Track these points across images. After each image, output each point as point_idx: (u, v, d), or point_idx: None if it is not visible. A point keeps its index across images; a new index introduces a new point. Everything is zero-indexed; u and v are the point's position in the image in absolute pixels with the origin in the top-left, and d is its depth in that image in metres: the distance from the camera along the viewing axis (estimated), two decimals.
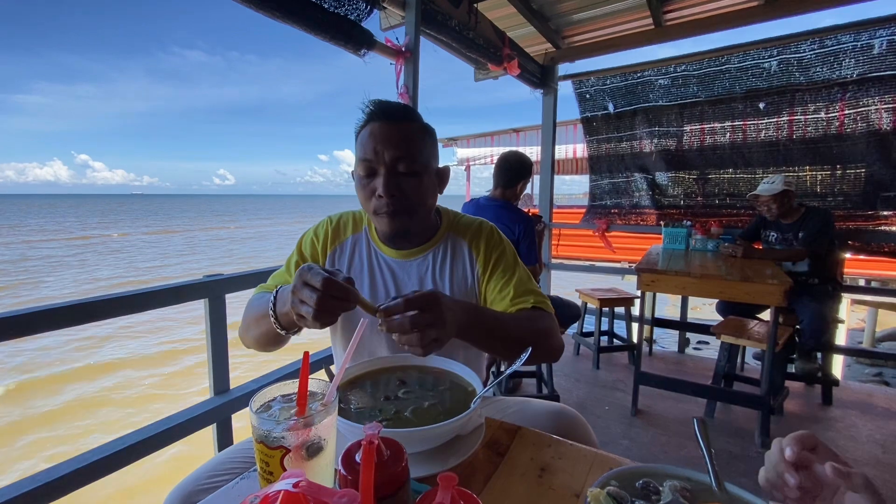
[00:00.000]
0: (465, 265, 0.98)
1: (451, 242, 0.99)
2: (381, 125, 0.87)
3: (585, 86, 3.81)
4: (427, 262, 0.97)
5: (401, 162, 0.86)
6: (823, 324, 2.47)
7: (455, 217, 1.04)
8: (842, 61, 2.95)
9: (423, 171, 0.89)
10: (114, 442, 1.16)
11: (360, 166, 0.88)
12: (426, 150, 0.91)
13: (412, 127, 0.89)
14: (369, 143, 0.86)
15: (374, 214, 0.90)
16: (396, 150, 0.86)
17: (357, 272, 0.98)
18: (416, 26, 2.06)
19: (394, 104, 0.90)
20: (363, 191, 0.89)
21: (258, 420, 0.47)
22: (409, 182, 0.88)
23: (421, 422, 0.65)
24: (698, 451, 1.46)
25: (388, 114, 0.88)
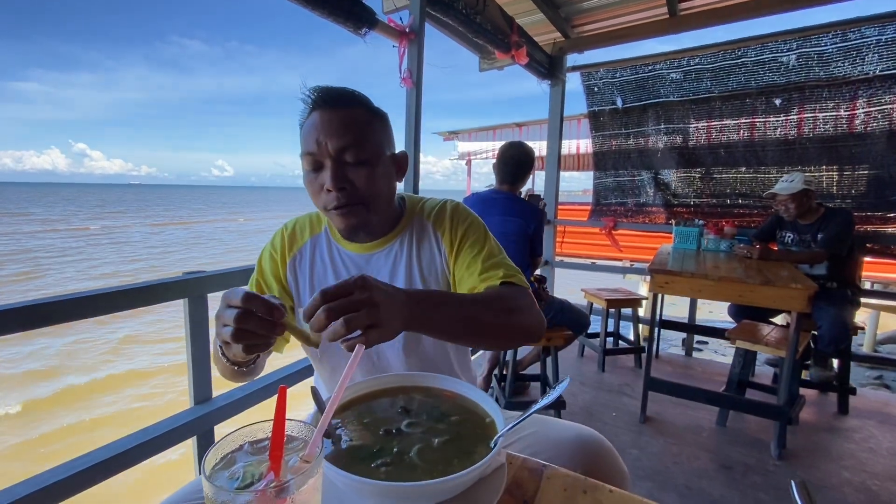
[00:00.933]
0: (432, 248, 0.92)
1: (416, 228, 0.93)
2: (322, 113, 0.79)
3: (594, 78, 3.67)
4: (394, 251, 0.91)
5: (347, 151, 0.78)
6: (843, 330, 2.35)
7: (419, 202, 0.98)
8: (864, 56, 2.82)
9: (375, 158, 0.82)
10: (76, 461, 1.03)
11: (304, 160, 0.81)
12: (376, 136, 0.83)
13: (358, 112, 0.81)
14: (312, 134, 0.78)
15: (325, 211, 0.83)
16: (341, 138, 0.78)
17: (321, 275, 0.92)
18: (422, 5, 1.92)
19: (337, 89, 0.82)
20: (311, 186, 0.82)
21: (212, 489, 0.34)
22: (359, 172, 0.80)
23: (429, 466, 0.52)
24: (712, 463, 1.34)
25: (331, 100, 0.80)
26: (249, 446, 0.41)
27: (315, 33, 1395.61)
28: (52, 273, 12.69)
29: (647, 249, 5.23)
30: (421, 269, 0.90)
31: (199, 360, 1.30)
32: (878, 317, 5.25)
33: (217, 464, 0.38)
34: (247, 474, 0.38)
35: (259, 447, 0.41)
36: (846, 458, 2.12)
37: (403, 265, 0.90)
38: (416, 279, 0.90)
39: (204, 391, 1.32)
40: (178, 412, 1.28)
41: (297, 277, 0.93)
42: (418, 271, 0.90)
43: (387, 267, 0.90)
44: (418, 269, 0.90)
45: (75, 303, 1.01)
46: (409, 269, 0.90)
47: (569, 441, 0.78)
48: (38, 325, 0.95)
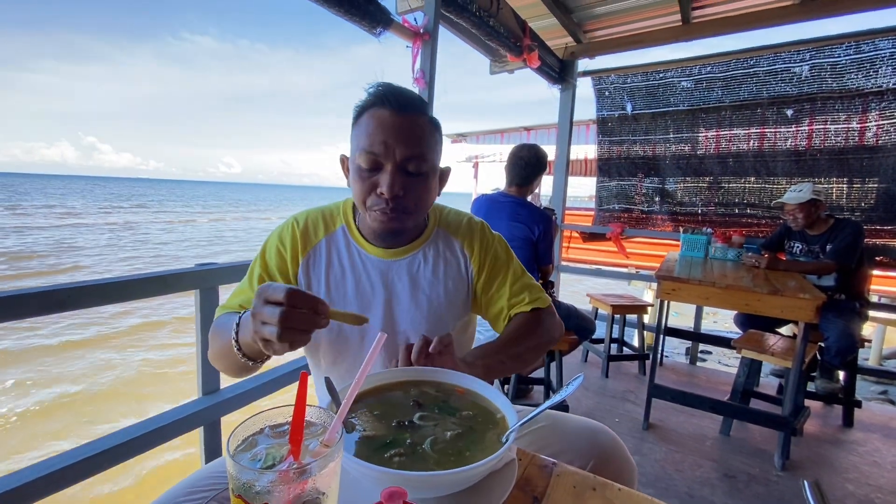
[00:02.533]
0: (458, 264, 0.93)
1: (441, 241, 0.93)
2: (392, 114, 0.77)
3: (605, 83, 3.67)
4: (418, 261, 0.90)
5: (411, 161, 0.78)
6: (850, 342, 2.34)
7: (442, 212, 0.98)
8: (878, 69, 2.81)
9: (431, 172, 0.82)
10: (85, 446, 1.04)
11: (362, 157, 0.78)
12: (436, 149, 0.83)
13: (424, 121, 0.80)
14: (378, 134, 0.76)
15: (368, 210, 0.81)
16: (408, 147, 0.77)
17: (338, 277, 0.88)
18: (437, 7, 1.93)
19: (407, 91, 0.80)
20: (361, 184, 0.80)
21: (236, 467, 0.35)
22: (416, 183, 0.80)
23: (442, 458, 0.53)
24: (715, 472, 1.33)
25: (403, 103, 0.78)
26: (270, 430, 0.41)
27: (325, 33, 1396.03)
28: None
29: (653, 257, 5.22)
30: (445, 285, 0.90)
31: None
32: (884, 331, 5.20)
33: (239, 445, 0.39)
34: (268, 456, 0.39)
35: (279, 431, 0.41)
36: (850, 470, 2.10)
37: (425, 278, 0.89)
38: (439, 294, 0.89)
39: (212, 382, 1.33)
40: (186, 402, 1.29)
41: (311, 278, 0.89)
42: (443, 287, 0.90)
43: (407, 276, 0.89)
44: (443, 284, 0.90)
45: (89, 290, 1.02)
46: (432, 283, 0.89)
47: (579, 436, 0.79)
48: (53, 310, 0.96)
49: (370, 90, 0.80)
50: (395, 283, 0.89)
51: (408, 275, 0.89)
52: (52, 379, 5.21)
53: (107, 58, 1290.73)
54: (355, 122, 0.81)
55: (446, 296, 0.90)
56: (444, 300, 0.90)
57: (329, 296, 0.87)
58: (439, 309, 0.89)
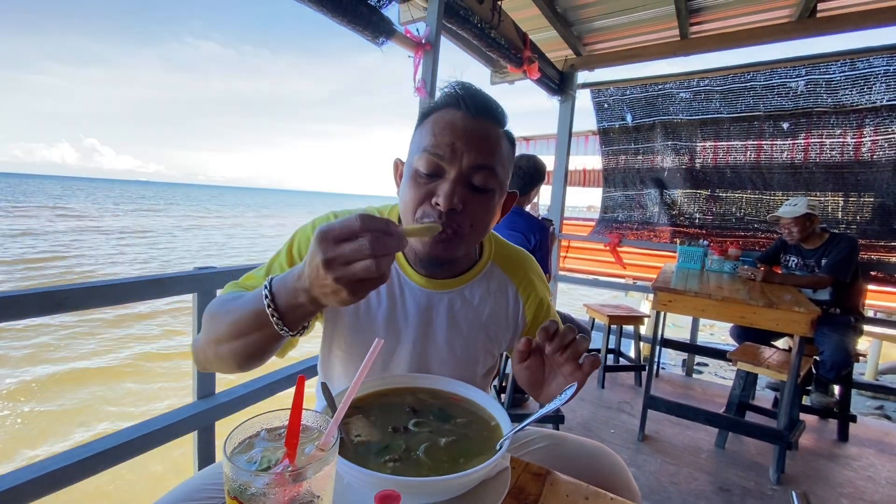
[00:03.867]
0: (508, 308, 0.82)
1: (495, 277, 0.81)
2: (465, 116, 0.67)
3: (604, 95, 3.71)
4: (462, 298, 0.79)
5: (479, 172, 0.66)
6: (845, 356, 2.35)
7: (499, 244, 0.85)
8: (872, 85, 2.85)
9: (500, 190, 0.71)
10: (79, 449, 1.04)
11: (422, 159, 0.66)
12: (507, 167, 0.72)
13: (501, 133, 0.70)
14: (445, 134, 0.65)
15: (417, 221, 0.69)
16: (479, 154, 0.66)
17: (370, 300, 0.77)
18: (439, 18, 1.96)
19: (484, 95, 0.70)
20: (415, 190, 0.67)
21: (232, 469, 0.36)
22: (479, 199, 0.68)
23: (436, 464, 0.53)
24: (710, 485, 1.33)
25: (481, 107, 0.68)
26: (266, 433, 0.42)
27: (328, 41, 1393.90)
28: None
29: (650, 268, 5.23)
30: (487, 330, 0.80)
31: None
32: (880, 346, 5.21)
33: (236, 448, 0.39)
34: (264, 459, 0.39)
35: (275, 434, 0.42)
36: (845, 485, 2.10)
37: (466, 319, 0.79)
38: (478, 339, 0.80)
39: (207, 386, 1.33)
40: (181, 406, 1.28)
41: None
42: (484, 332, 0.80)
43: (447, 313, 0.78)
44: (485, 329, 0.80)
45: (88, 291, 1.03)
46: (472, 326, 0.79)
47: (581, 456, 0.76)
48: (51, 311, 0.97)
49: (444, 89, 0.70)
50: (432, 318, 0.78)
51: (448, 312, 0.78)
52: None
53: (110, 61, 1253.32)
54: (422, 122, 0.70)
55: (485, 341, 0.81)
56: (481, 346, 0.80)
57: (357, 319, 0.78)
58: (475, 354, 0.80)
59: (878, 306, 5.14)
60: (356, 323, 0.78)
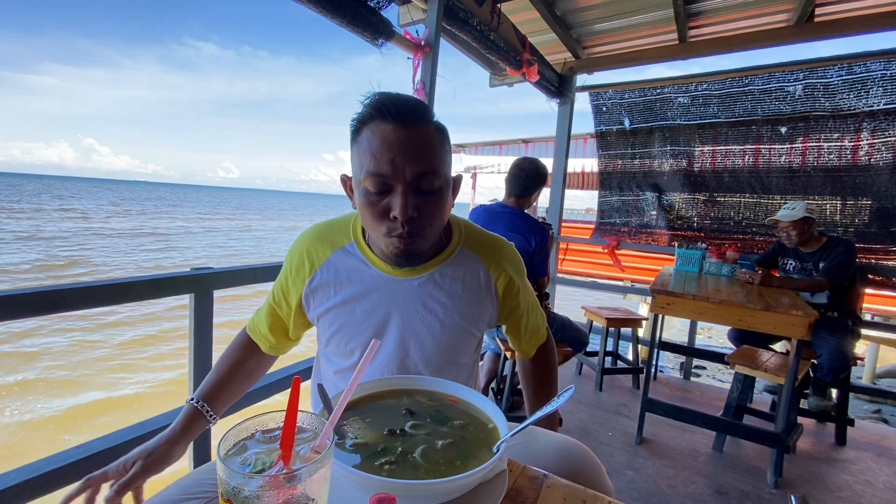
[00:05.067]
0: (480, 288, 0.85)
1: (464, 260, 0.85)
2: (395, 128, 0.69)
3: (602, 98, 3.72)
4: (433, 281, 0.82)
5: (424, 179, 0.70)
6: (842, 360, 2.35)
7: (468, 229, 0.89)
8: (869, 90, 2.86)
9: (445, 186, 0.75)
10: (72, 450, 1.03)
11: (368, 180, 0.70)
12: (447, 160, 0.76)
13: (431, 131, 0.72)
14: (383, 153, 0.68)
15: (384, 236, 0.73)
16: (419, 163, 0.69)
17: (346, 297, 0.82)
18: (438, 20, 1.96)
19: (406, 99, 0.72)
20: (371, 209, 0.72)
21: (226, 471, 0.35)
22: (430, 201, 0.72)
23: (432, 467, 0.53)
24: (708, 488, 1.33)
25: (406, 114, 0.69)
26: (261, 435, 0.42)
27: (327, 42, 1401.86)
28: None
29: (648, 270, 5.24)
30: (461, 311, 0.84)
31: (201, 357, 1.31)
32: (877, 350, 5.23)
33: (230, 449, 0.39)
34: (258, 461, 0.39)
35: (270, 436, 0.42)
36: (843, 489, 2.10)
37: (439, 301, 0.83)
38: (454, 320, 0.83)
39: None
40: (176, 408, 1.27)
41: (317, 297, 0.85)
42: (458, 312, 0.83)
43: (419, 297, 0.82)
44: (458, 309, 0.83)
45: (84, 291, 1.02)
46: (446, 307, 0.83)
47: (553, 450, 0.77)
48: (48, 311, 0.96)
49: (366, 102, 0.72)
50: (407, 304, 0.82)
51: (419, 296, 0.82)
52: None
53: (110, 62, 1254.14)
54: (354, 139, 0.73)
55: (461, 321, 0.84)
56: (458, 326, 0.84)
57: (337, 317, 0.83)
58: (453, 337, 0.84)
59: (875, 310, 5.16)
60: (337, 321, 0.84)
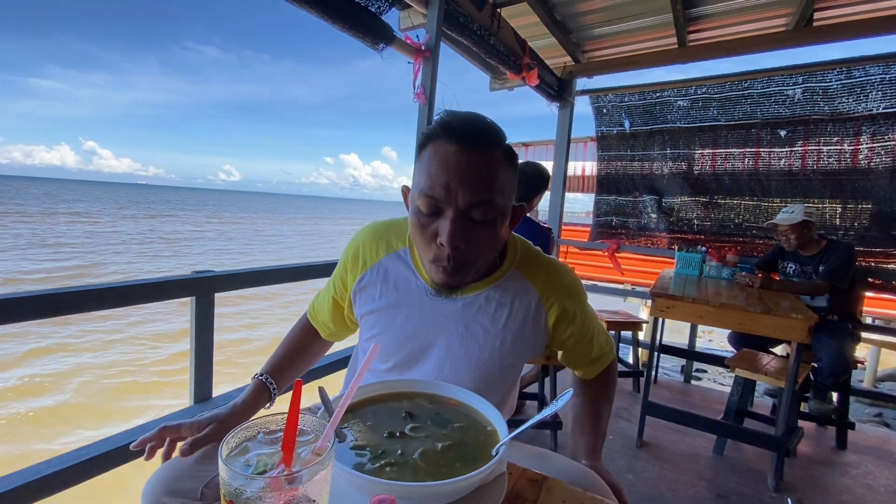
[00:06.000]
0: (528, 316, 0.79)
1: (515, 283, 0.80)
2: (457, 151, 0.66)
3: (602, 101, 3.74)
4: (478, 303, 0.78)
5: (477, 208, 0.67)
6: (843, 363, 2.34)
7: (524, 249, 0.83)
8: (868, 93, 2.87)
9: (502, 217, 0.71)
10: (73, 453, 1.03)
11: (421, 200, 0.68)
12: (508, 191, 0.71)
13: (497, 157, 0.68)
14: (440, 176, 0.66)
15: (430, 263, 0.72)
16: (474, 192, 0.66)
17: (391, 302, 0.81)
18: (438, 25, 1.97)
19: (475, 120, 0.69)
20: (420, 230, 0.70)
21: (228, 472, 0.36)
22: (481, 232, 0.69)
23: (432, 468, 0.53)
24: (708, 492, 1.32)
25: (471, 137, 0.66)
26: (263, 436, 0.42)
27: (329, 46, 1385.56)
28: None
29: (648, 273, 5.23)
30: (503, 338, 0.79)
31: (202, 359, 1.31)
32: (878, 353, 5.21)
33: (232, 451, 0.39)
34: (259, 463, 0.39)
35: (272, 438, 0.42)
36: (843, 493, 2.09)
37: (482, 325, 0.79)
38: (494, 347, 0.79)
39: (204, 390, 1.33)
40: (177, 410, 1.28)
41: (363, 296, 0.85)
42: (499, 340, 0.79)
43: (465, 318, 0.79)
44: (500, 336, 0.79)
45: (86, 295, 1.03)
46: (488, 332, 0.79)
47: (566, 479, 0.75)
48: (48, 314, 0.96)
49: (437, 117, 0.70)
50: (447, 323, 0.79)
51: (463, 317, 0.78)
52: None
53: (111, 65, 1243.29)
54: (419, 154, 0.71)
55: (501, 350, 0.79)
56: (497, 355, 0.79)
57: (379, 319, 0.82)
58: (491, 365, 0.79)
59: (876, 313, 5.16)
60: (378, 325, 0.84)
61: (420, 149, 0.71)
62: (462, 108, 0.73)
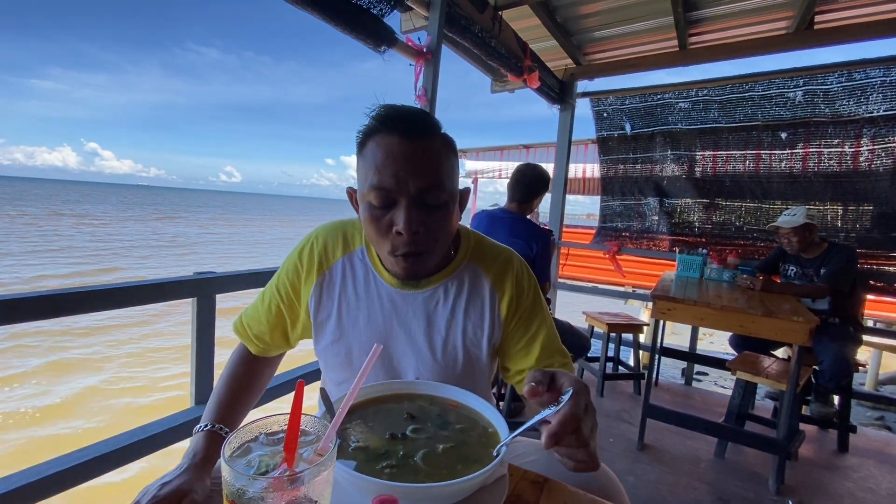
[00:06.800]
0: (483, 305, 0.81)
1: (469, 274, 0.82)
2: (400, 141, 0.68)
3: (603, 104, 3.74)
4: (438, 296, 0.80)
5: (429, 193, 0.69)
6: (844, 366, 2.34)
7: (476, 242, 0.85)
8: (869, 96, 2.88)
9: (452, 200, 0.73)
10: (74, 454, 1.03)
11: (372, 193, 0.69)
12: (453, 173, 0.73)
13: (437, 144, 0.71)
14: (387, 167, 0.67)
15: (389, 254, 0.72)
16: (424, 177, 0.68)
17: (351, 304, 0.81)
18: (440, 27, 1.98)
19: (412, 111, 0.71)
20: (375, 224, 0.70)
21: (231, 473, 0.36)
22: (435, 216, 0.71)
23: (433, 470, 0.53)
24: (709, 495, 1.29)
25: (409, 126, 0.68)
26: (265, 437, 0.42)
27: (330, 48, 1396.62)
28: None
29: (649, 276, 5.23)
30: (465, 328, 0.80)
31: (203, 361, 1.31)
32: (880, 356, 5.20)
33: (235, 451, 0.40)
34: (262, 464, 0.39)
35: (274, 439, 0.42)
36: (845, 496, 2.08)
37: (444, 317, 0.80)
38: (456, 338, 0.80)
39: (205, 392, 1.33)
40: (178, 411, 1.28)
41: (322, 301, 0.82)
42: (461, 330, 0.80)
43: (426, 312, 0.80)
44: (461, 327, 0.80)
45: (87, 295, 1.03)
46: (450, 324, 0.80)
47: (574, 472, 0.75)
48: (49, 315, 0.97)
49: (372, 114, 0.71)
50: (409, 319, 0.80)
51: (424, 311, 0.79)
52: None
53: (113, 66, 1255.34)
54: (360, 152, 0.72)
55: (464, 341, 0.80)
56: (460, 346, 0.80)
57: (340, 323, 0.81)
58: (455, 355, 0.80)
59: (877, 316, 5.14)
60: (339, 329, 0.81)
61: (361, 146, 0.72)
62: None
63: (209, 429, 0.71)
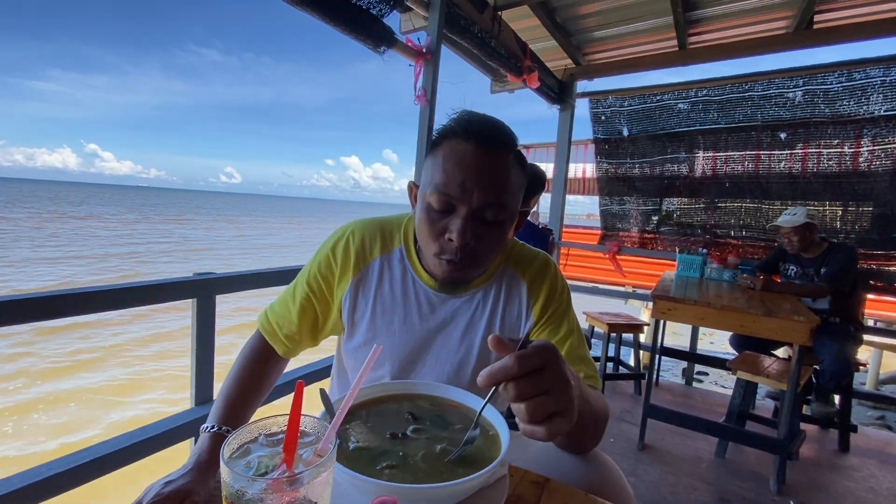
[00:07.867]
0: (519, 309, 0.81)
1: (507, 279, 0.81)
2: (474, 150, 0.67)
3: (602, 106, 3.74)
4: (475, 301, 0.80)
5: (489, 208, 0.68)
6: (845, 366, 2.34)
7: (515, 247, 0.85)
8: (869, 96, 2.88)
9: (510, 219, 0.72)
10: (75, 455, 1.03)
11: (434, 196, 0.68)
12: (518, 192, 0.73)
13: (510, 160, 0.70)
14: (455, 174, 0.67)
15: (435, 256, 0.72)
16: (489, 192, 0.67)
17: (387, 304, 0.79)
18: (439, 27, 1.98)
19: (491, 122, 0.70)
20: (430, 226, 0.70)
21: (230, 474, 0.36)
22: (490, 232, 0.70)
23: (433, 470, 0.53)
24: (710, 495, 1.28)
25: (489, 138, 0.68)
26: (265, 438, 0.42)
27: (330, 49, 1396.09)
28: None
29: (649, 276, 5.23)
30: (501, 329, 0.80)
31: (203, 362, 1.31)
32: (880, 355, 5.20)
33: (233, 452, 0.39)
34: (261, 464, 0.39)
35: (274, 440, 0.42)
36: (846, 496, 2.08)
37: (484, 321, 0.79)
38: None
39: (205, 392, 1.33)
40: (178, 412, 1.28)
41: (358, 299, 0.80)
42: (499, 331, 0.79)
43: (465, 317, 0.80)
44: (499, 328, 0.80)
45: (86, 296, 1.03)
46: (489, 328, 0.79)
47: (576, 459, 0.74)
48: (48, 316, 0.96)
49: (453, 116, 0.71)
50: (447, 321, 0.79)
51: (464, 315, 0.80)
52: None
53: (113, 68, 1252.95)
54: (432, 150, 0.72)
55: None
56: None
57: (374, 323, 0.80)
58: (489, 362, 0.77)
59: (878, 315, 5.14)
60: (371, 330, 0.80)
61: (434, 146, 0.71)
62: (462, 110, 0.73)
63: (215, 430, 0.70)
